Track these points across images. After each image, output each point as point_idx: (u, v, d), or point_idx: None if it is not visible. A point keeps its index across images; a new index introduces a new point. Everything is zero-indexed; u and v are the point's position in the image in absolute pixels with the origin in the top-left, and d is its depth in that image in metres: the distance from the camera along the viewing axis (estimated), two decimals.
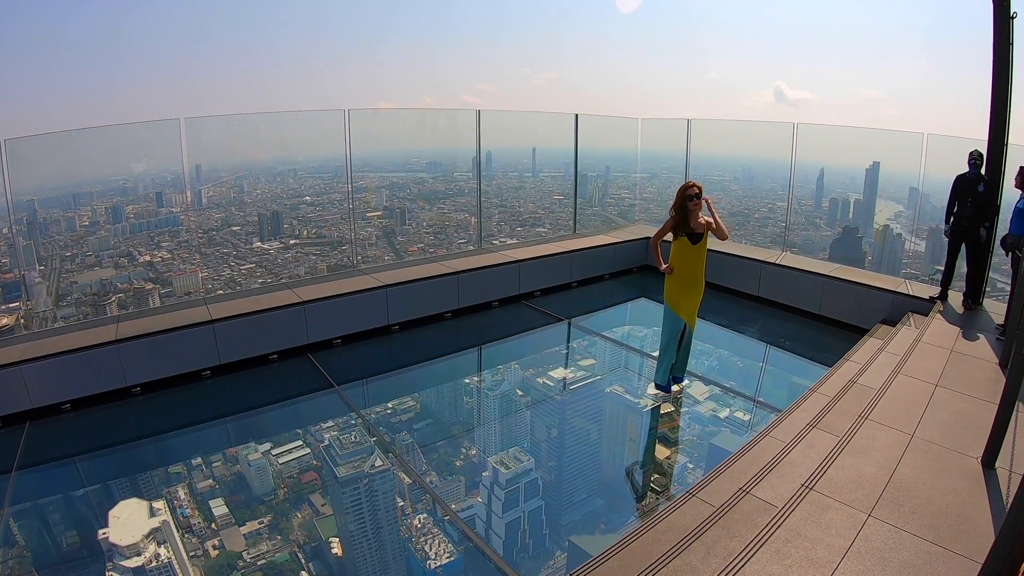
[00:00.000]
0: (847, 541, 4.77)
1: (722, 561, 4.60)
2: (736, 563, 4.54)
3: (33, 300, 11.61)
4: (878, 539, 4.79)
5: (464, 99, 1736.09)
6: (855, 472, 5.78)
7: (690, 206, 8.67)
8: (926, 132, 13.09)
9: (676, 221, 8.83)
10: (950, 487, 5.44)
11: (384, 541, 7.45)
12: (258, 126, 14.04)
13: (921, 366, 8.24)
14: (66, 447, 9.01)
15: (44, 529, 7.51)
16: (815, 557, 4.60)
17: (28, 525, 7.34)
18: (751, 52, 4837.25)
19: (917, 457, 6.02)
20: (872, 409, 7.01)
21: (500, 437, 9.89)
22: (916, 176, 13.89)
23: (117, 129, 12.07)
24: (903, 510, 5.15)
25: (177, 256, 13.46)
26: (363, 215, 15.62)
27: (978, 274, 10.66)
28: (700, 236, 8.84)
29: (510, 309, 13.61)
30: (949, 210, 10.41)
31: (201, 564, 6.78)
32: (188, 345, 10.04)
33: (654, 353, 9.90)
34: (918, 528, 4.88)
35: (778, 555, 4.64)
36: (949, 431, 6.49)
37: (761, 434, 6.75)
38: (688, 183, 8.75)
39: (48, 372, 9.00)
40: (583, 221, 18.13)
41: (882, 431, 6.55)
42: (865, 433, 6.53)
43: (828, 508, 5.22)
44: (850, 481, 5.63)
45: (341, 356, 11.33)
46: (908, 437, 6.39)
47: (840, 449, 6.20)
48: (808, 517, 5.10)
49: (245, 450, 8.69)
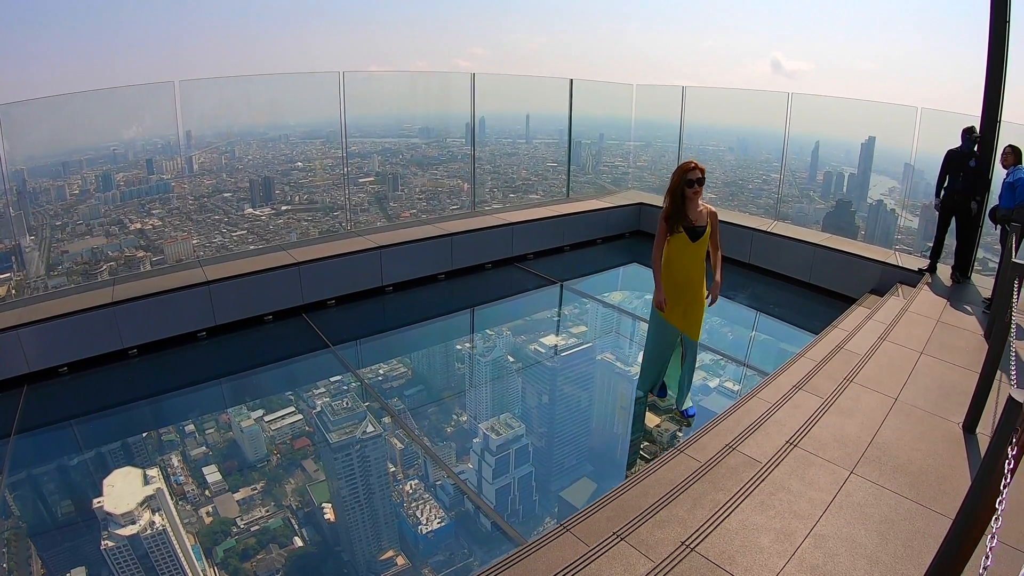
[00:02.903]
0: (829, 495, 4.86)
1: (707, 512, 4.70)
2: (721, 513, 4.63)
3: (24, 270, 11.62)
4: (859, 494, 4.88)
5: (457, 63, 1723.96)
6: (839, 431, 5.87)
7: (689, 193, 6.77)
8: (920, 106, 13.04)
9: (671, 210, 6.86)
10: (931, 449, 5.52)
11: (376, 506, 7.47)
12: (250, 89, 13.93)
13: (907, 334, 8.29)
14: (64, 410, 9.08)
15: (43, 494, 7.56)
16: (797, 509, 4.69)
17: (27, 490, 7.38)
18: (748, 20, 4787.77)
19: (900, 419, 6.10)
20: (857, 373, 7.08)
21: (491, 403, 9.89)
22: (911, 151, 13.82)
23: (110, 93, 11.99)
24: (885, 468, 5.24)
25: (168, 223, 13.43)
26: (355, 181, 15.57)
27: (967, 248, 10.67)
28: (702, 231, 6.87)
29: (503, 271, 13.59)
30: (940, 184, 10.41)
31: (195, 531, 6.79)
32: (184, 306, 10.05)
33: (646, 316, 9.73)
34: (899, 486, 4.97)
35: (762, 506, 4.73)
36: (932, 396, 6.58)
37: (748, 395, 6.91)
38: (688, 163, 6.81)
39: (45, 336, 8.99)
40: (576, 188, 18.07)
41: (866, 393, 6.64)
42: (850, 395, 6.61)
43: (812, 464, 5.31)
44: (833, 439, 5.72)
45: (335, 316, 11.35)
46: (892, 400, 6.46)
47: (825, 409, 6.29)
48: (792, 472, 5.19)
49: (238, 416, 8.68)
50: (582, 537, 4.79)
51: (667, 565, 4.12)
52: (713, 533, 4.42)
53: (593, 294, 13.29)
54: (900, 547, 4.26)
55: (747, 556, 4.19)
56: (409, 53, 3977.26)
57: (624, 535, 4.56)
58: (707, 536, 4.38)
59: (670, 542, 4.40)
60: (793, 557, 4.17)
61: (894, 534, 4.40)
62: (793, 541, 4.33)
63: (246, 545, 6.62)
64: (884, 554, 4.19)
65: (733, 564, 4.11)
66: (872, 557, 4.16)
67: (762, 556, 4.19)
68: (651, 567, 4.12)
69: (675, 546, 4.29)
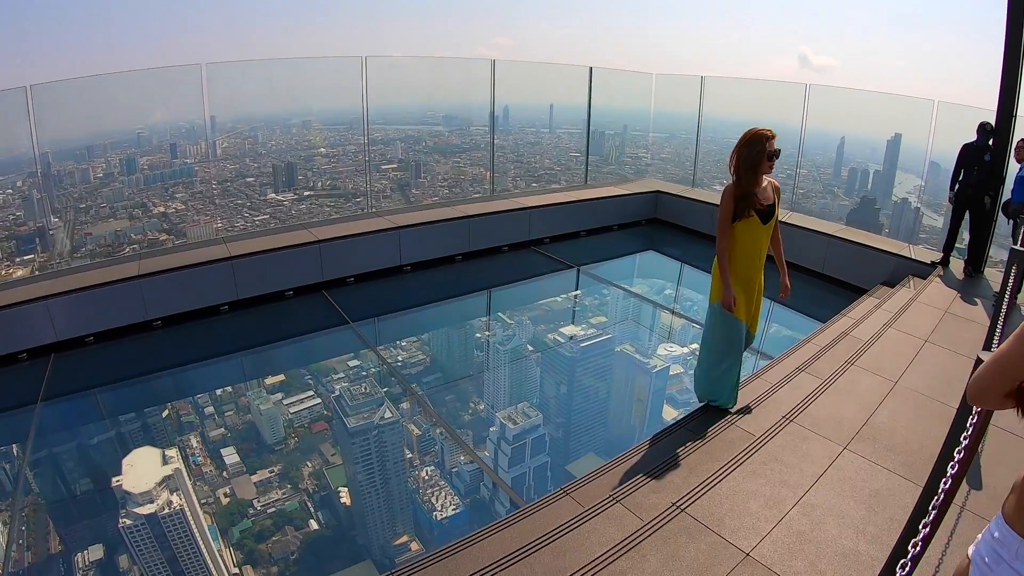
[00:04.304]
0: (820, 468, 4.96)
1: (700, 478, 4.83)
2: (713, 479, 4.77)
3: (49, 251, 11.80)
4: (851, 469, 4.97)
5: (480, 51, 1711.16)
6: (836, 410, 5.95)
7: (767, 168, 5.69)
8: (937, 100, 12.97)
9: (741, 190, 5.71)
10: (927, 431, 5.56)
11: (392, 492, 7.61)
12: (275, 73, 14.05)
13: (913, 323, 8.30)
14: (89, 379, 9.30)
15: (64, 468, 7.72)
16: (788, 479, 4.80)
17: (49, 463, 7.53)
18: (775, 14, 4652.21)
19: (898, 402, 6.15)
20: (859, 357, 7.13)
21: (509, 392, 9.97)
22: (934, 147, 13.59)
23: (137, 75, 12.13)
24: (878, 447, 5.31)
25: (191, 207, 13.58)
26: (378, 167, 15.67)
27: (980, 242, 10.59)
28: (772, 210, 5.84)
29: (520, 254, 13.66)
30: (954, 177, 10.33)
31: (212, 511, 6.94)
32: (207, 281, 10.27)
33: (659, 299, 9.62)
34: (891, 464, 5.05)
35: (753, 475, 4.85)
36: (933, 382, 6.60)
37: (752, 376, 6.93)
38: (762, 131, 5.62)
39: (73, 306, 9.23)
40: (600, 178, 18.02)
41: (866, 376, 6.69)
42: (850, 377, 6.68)
43: (806, 439, 5.41)
44: (830, 417, 5.80)
45: (354, 294, 11.47)
46: (891, 384, 6.51)
47: (823, 389, 6.36)
48: (786, 445, 5.30)
49: (257, 399, 8.83)
50: (580, 500, 4.94)
51: (657, 524, 4.26)
52: (704, 496, 4.55)
53: (610, 279, 13.35)
54: (887, 520, 4.34)
55: (735, 519, 4.31)
56: (433, 42, 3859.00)
57: (620, 498, 4.69)
58: (698, 499, 4.52)
59: (663, 505, 4.52)
60: (780, 522, 4.28)
61: (882, 508, 4.49)
62: (782, 508, 4.44)
63: (262, 527, 6.78)
64: (871, 526, 4.28)
65: (721, 525, 4.24)
66: (859, 528, 4.26)
67: (750, 519, 4.30)
68: (640, 525, 4.26)
69: (666, 507, 4.42)
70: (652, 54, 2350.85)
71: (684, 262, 14.39)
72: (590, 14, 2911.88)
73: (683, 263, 14.42)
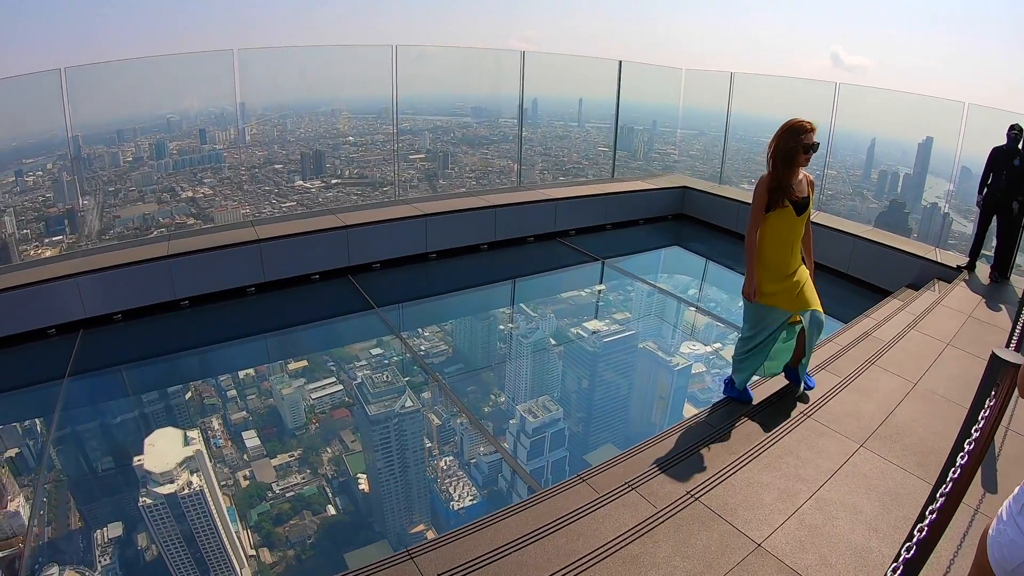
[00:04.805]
0: (836, 464, 4.94)
1: (715, 469, 4.85)
2: (728, 470, 4.78)
3: (77, 233, 11.95)
4: (866, 466, 4.95)
5: (510, 44, 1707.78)
6: (854, 407, 5.91)
7: (803, 160, 5.62)
8: (967, 102, 12.79)
9: (776, 180, 5.64)
10: (945, 433, 5.43)
11: (410, 480, 7.66)
12: (305, 60, 14.16)
13: (936, 326, 8.21)
14: (115, 355, 9.50)
15: (87, 444, 7.81)
16: (803, 473, 4.79)
17: (73, 439, 7.61)
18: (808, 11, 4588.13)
19: (917, 403, 6.10)
20: (880, 357, 7.08)
21: (530, 385, 10.00)
22: (967, 152, 13.38)
23: (169, 60, 12.23)
24: (895, 446, 5.28)
25: (219, 192, 13.69)
26: (406, 157, 15.72)
27: (1007, 247, 10.41)
28: (807, 202, 5.76)
29: (545, 245, 13.69)
30: (983, 181, 10.19)
31: (231, 493, 7.04)
32: (235, 262, 10.40)
33: (685, 295, 9.57)
34: (907, 464, 5.01)
35: (768, 467, 4.85)
36: (953, 385, 6.52)
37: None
38: (801, 123, 5.56)
39: (102, 284, 9.39)
40: (628, 173, 17.94)
41: (886, 376, 6.64)
42: (870, 376, 6.63)
43: (823, 435, 5.39)
44: (848, 414, 5.77)
45: (380, 279, 11.55)
46: (911, 385, 6.46)
47: (843, 387, 6.32)
48: (802, 440, 5.29)
49: (280, 384, 8.91)
50: (595, 487, 5.00)
51: (670, 511, 4.28)
52: (718, 487, 4.57)
53: (636, 274, 13.29)
54: (901, 519, 4.33)
55: (748, 510, 4.32)
56: (462, 33, 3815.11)
57: (635, 486, 4.74)
58: (712, 489, 4.54)
59: (677, 493, 4.55)
60: (793, 516, 4.29)
61: (896, 506, 4.47)
62: (795, 501, 4.45)
63: (280, 510, 6.86)
64: (884, 523, 4.28)
65: (734, 515, 4.25)
66: (872, 525, 4.26)
67: (763, 511, 4.32)
68: (654, 512, 4.29)
69: (681, 496, 4.45)
70: (679, 52, 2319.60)
71: (710, 259, 14.32)
72: (620, 8, 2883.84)
73: (709, 260, 14.35)
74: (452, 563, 4.12)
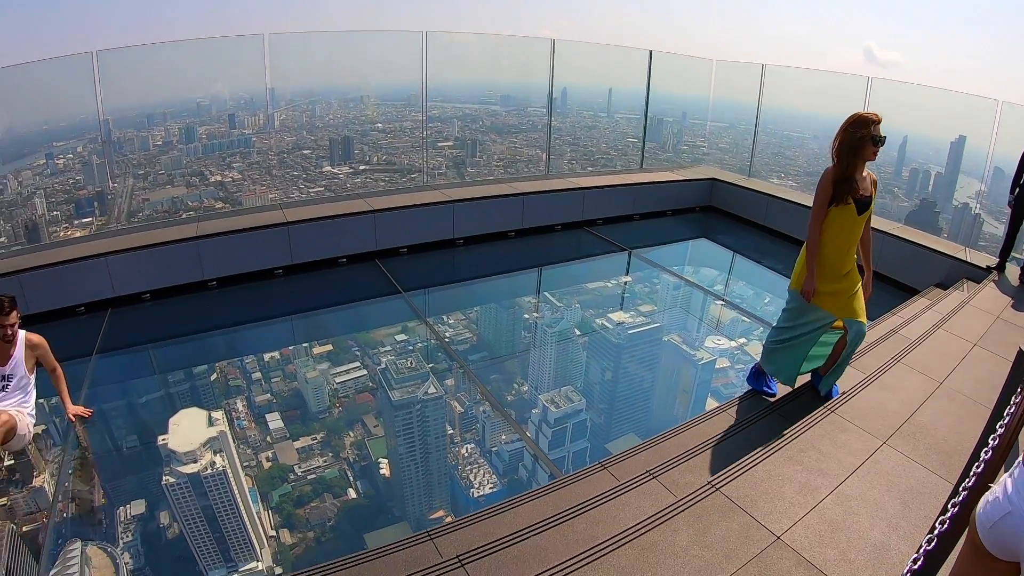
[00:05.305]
0: (858, 460, 4.91)
1: (737, 460, 4.85)
2: (749, 462, 4.77)
3: (107, 215, 12.06)
4: (888, 464, 4.92)
5: (541, 32, 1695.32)
6: (879, 404, 5.86)
7: (870, 153, 5.51)
8: (1001, 99, 12.57)
9: (841, 174, 5.53)
10: (969, 433, 5.29)
11: (431, 466, 7.68)
12: (335, 45, 14.13)
13: (964, 326, 8.11)
14: (143, 334, 9.65)
15: (112, 422, 7.86)
16: (825, 468, 4.77)
17: (99, 416, 7.64)
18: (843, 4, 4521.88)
19: (942, 402, 6.04)
20: (907, 355, 7.02)
21: (553, 374, 9.97)
22: (1001, 152, 13.17)
23: (200, 43, 12.28)
24: (918, 445, 5.23)
25: (247, 176, 13.77)
26: (434, 144, 15.74)
27: None
28: (869, 201, 5.63)
29: (573, 233, 13.69)
30: (1015, 181, 10.05)
31: (254, 474, 7.08)
32: (264, 244, 10.50)
33: (711, 289, 9.48)
34: (930, 463, 4.97)
35: (790, 460, 4.84)
36: (980, 386, 6.43)
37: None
38: (867, 115, 5.47)
39: (131, 264, 9.52)
40: (656, 165, 17.85)
41: (912, 374, 6.58)
42: (896, 373, 6.57)
43: (846, 430, 5.35)
44: (872, 411, 5.72)
45: (407, 264, 11.61)
46: (937, 384, 6.39)
47: (868, 383, 6.27)
48: (825, 435, 5.26)
49: (304, 367, 8.95)
50: (616, 474, 5.02)
51: (690, 500, 4.28)
52: (739, 478, 4.56)
53: (663, 265, 13.24)
54: (922, 518, 4.30)
55: (768, 502, 4.32)
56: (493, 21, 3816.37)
57: (657, 475, 4.77)
58: (733, 480, 4.53)
59: (698, 483, 4.55)
60: (814, 510, 4.28)
61: (917, 505, 4.44)
62: (816, 495, 4.43)
63: (301, 492, 6.89)
64: (904, 521, 4.25)
65: (754, 507, 4.25)
66: (892, 522, 4.24)
67: (783, 504, 4.31)
68: (674, 500, 4.30)
69: (701, 486, 4.45)
70: (710, 44, 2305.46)
71: (737, 252, 14.24)
72: (650, 3, 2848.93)
73: (736, 253, 14.25)
74: (471, 545, 4.14)
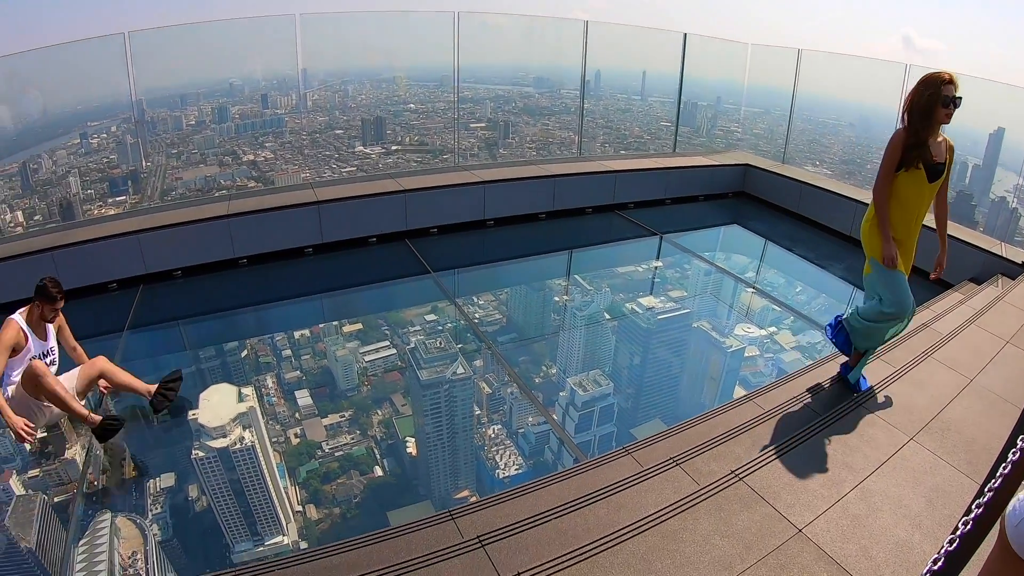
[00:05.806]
0: (884, 455, 4.87)
1: (761, 450, 4.85)
2: (774, 452, 4.74)
3: (140, 194, 12.19)
4: (915, 460, 4.87)
5: (574, 14, 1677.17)
6: (907, 399, 5.79)
7: (943, 115, 5.10)
8: None
9: (917, 136, 5.14)
10: (998, 432, 5.28)
11: (458, 446, 7.70)
12: (367, 27, 14.18)
13: (997, 322, 7.95)
14: (174, 311, 9.78)
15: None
16: (849, 462, 4.74)
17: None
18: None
19: (972, 400, 5.95)
20: (937, 350, 6.93)
21: (582, 358, 9.97)
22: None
23: (233, 24, 12.34)
24: (946, 442, 5.16)
25: (280, 156, 13.85)
26: (466, 125, 15.73)
27: None
28: (942, 169, 5.26)
29: (603, 217, 13.64)
30: None
31: (282, 450, 7.11)
32: (294, 223, 10.58)
33: (742, 276, 9.36)
34: (957, 461, 4.91)
35: (815, 453, 4.82)
36: (1011, 384, 6.33)
37: (825, 358, 6.82)
38: (941, 74, 5.08)
39: (162, 241, 9.64)
40: (688, 150, 17.62)
41: (942, 370, 6.50)
42: (925, 369, 6.50)
43: (873, 424, 5.31)
44: (900, 406, 5.67)
45: (437, 245, 11.64)
46: (967, 381, 6.30)
47: (897, 377, 6.21)
48: (851, 428, 5.22)
49: (334, 345, 9.00)
50: (640, 460, 5.01)
51: (713, 489, 4.28)
52: (763, 468, 4.55)
53: (694, 250, 13.12)
54: (946, 517, 4.25)
55: (791, 494, 4.30)
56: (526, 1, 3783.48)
57: (680, 462, 4.76)
58: (757, 470, 4.52)
59: (721, 472, 4.54)
60: (837, 504, 4.26)
61: (942, 503, 4.40)
62: (840, 489, 4.41)
63: (328, 469, 6.92)
64: (928, 519, 4.22)
65: (776, 498, 4.23)
66: (915, 520, 4.20)
67: (806, 496, 4.29)
68: (696, 488, 4.30)
69: (724, 475, 4.45)
70: (744, 30, 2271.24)
71: (769, 239, 14.07)
72: None
73: (768, 240, 14.08)
74: (492, 526, 4.17)
